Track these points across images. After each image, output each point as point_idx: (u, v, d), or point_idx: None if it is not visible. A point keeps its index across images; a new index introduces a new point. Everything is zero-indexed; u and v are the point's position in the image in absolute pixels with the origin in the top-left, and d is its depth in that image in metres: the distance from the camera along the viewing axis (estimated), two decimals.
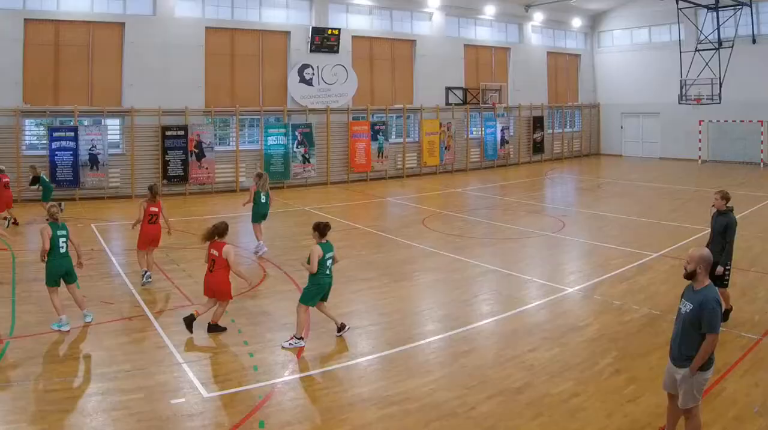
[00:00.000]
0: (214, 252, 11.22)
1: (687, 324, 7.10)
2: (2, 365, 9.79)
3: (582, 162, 43.30)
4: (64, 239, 11.50)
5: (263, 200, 17.21)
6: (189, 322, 11.25)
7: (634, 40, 44.16)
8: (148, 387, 9.17)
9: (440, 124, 36.24)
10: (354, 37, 33.55)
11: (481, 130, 39.19)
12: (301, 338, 10.79)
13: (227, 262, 11.15)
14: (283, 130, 30.69)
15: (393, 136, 35.18)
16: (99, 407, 8.60)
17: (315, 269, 10.73)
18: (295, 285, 14.14)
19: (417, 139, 35.78)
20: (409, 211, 24.87)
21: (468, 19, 38.90)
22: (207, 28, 29.08)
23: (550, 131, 43.11)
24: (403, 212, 24.93)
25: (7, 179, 20.25)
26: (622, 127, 45.08)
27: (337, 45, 32.41)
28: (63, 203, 12.50)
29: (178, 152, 27.88)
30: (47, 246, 11.28)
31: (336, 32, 32.33)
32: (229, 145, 30.12)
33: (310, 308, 11.09)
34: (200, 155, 28.37)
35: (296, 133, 30.92)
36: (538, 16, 41.65)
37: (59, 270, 11.44)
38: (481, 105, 38.33)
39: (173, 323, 11.74)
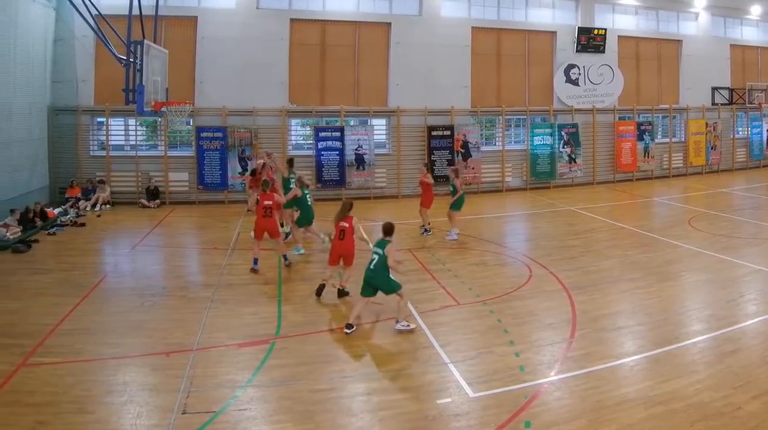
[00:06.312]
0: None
1: None
2: (268, 365, 5.96)
3: None
4: None
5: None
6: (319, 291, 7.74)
7: None
8: (414, 387, 5.57)
9: (706, 124, 21.58)
10: (620, 37, 20.21)
11: (747, 130, 23.68)
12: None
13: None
14: (549, 130, 18.62)
15: (659, 136, 21.49)
16: (365, 408, 5.23)
17: None
18: (562, 286, 8.30)
19: (683, 139, 21.53)
20: (675, 211, 15.42)
21: (734, 19, 23.45)
22: (473, 28, 17.86)
23: None
24: (669, 212, 15.30)
25: None
26: None
27: (603, 45, 19.55)
28: None
29: (443, 152, 17.11)
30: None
31: (602, 32, 19.51)
32: (495, 145, 18.55)
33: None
34: (466, 155, 17.43)
35: (562, 133, 18.74)
36: None
37: None
38: (746, 105, 23.00)
39: (439, 324, 7.05)
